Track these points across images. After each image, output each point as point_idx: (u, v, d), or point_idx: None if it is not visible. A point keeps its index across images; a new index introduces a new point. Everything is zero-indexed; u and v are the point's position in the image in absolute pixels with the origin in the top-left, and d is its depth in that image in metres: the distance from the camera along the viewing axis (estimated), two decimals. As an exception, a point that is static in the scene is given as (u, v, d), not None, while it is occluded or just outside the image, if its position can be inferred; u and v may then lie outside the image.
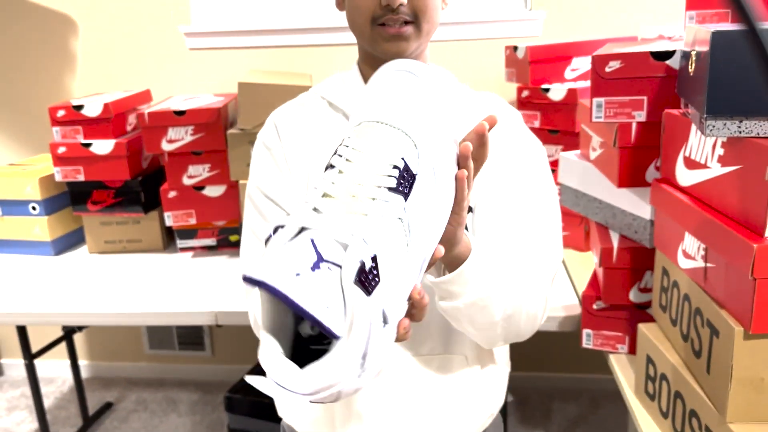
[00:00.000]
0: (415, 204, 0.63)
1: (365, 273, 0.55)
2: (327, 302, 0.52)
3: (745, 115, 0.87)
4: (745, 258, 0.85)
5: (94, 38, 2.38)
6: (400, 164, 0.62)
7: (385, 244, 0.58)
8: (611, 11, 2.18)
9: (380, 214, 0.59)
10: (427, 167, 0.65)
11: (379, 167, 0.62)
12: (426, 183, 0.64)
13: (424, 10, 0.91)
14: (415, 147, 0.64)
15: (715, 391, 0.95)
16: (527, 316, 0.94)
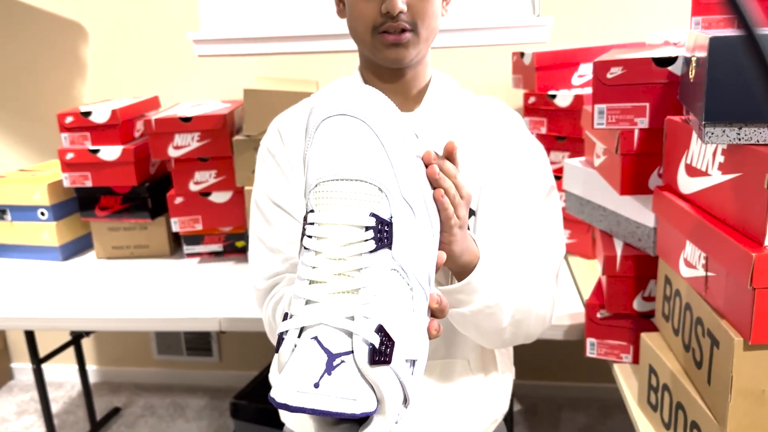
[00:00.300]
0: (402, 245, 0.62)
1: (377, 350, 0.56)
2: (353, 395, 0.54)
3: (744, 122, 0.85)
4: (744, 267, 0.84)
5: (104, 45, 2.40)
6: (372, 222, 0.60)
7: (388, 306, 0.59)
8: (619, 17, 2.16)
9: (371, 281, 0.59)
10: (400, 205, 0.63)
11: (353, 235, 0.60)
12: (404, 219, 0.63)
13: (423, 17, 0.92)
14: (380, 191, 0.62)
15: (716, 403, 0.93)
16: (536, 317, 0.95)
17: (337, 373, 0.55)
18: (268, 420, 2.09)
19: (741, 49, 0.83)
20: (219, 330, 1.66)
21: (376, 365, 0.55)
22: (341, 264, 0.60)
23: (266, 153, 1.05)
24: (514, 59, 1.96)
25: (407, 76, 1.00)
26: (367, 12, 0.91)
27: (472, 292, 0.84)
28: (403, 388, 0.58)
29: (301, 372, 0.55)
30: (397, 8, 0.89)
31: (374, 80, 1.01)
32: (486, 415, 1.05)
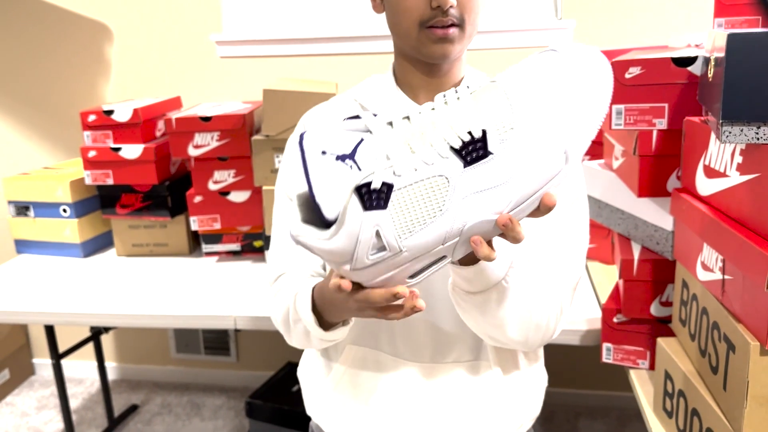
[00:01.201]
0: (475, 178, 0.64)
1: (370, 191, 0.62)
2: (332, 190, 0.62)
3: (763, 121, 0.84)
4: (761, 270, 0.82)
5: (129, 46, 2.44)
6: (477, 134, 0.64)
7: (411, 185, 0.63)
8: (641, 20, 2.14)
9: (426, 160, 0.63)
10: (508, 154, 0.64)
11: (458, 125, 0.64)
12: (499, 170, 0.64)
13: (470, 12, 0.92)
14: (511, 129, 0.64)
15: (731, 409, 0.91)
16: (536, 325, 0.92)
17: (338, 166, 0.63)
18: (283, 420, 2.10)
19: (760, 46, 0.82)
20: (234, 328, 1.67)
21: (357, 197, 0.62)
22: (431, 130, 0.65)
23: (289, 148, 1.07)
24: (535, 62, 1.95)
25: (444, 71, 0.99)
26: (415, 6, 0.91)
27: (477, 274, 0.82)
28: (355, 248, 0.64)
29: (329, 139, 0.64)
30: (449, 2, 0.88)
31: (411, 75, 1.00)
32: (513, 421, 1.04)
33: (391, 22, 0.97)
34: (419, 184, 0.64)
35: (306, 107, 1.79)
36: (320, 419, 1.08)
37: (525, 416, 1.06)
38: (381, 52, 2.28)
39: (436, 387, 1.00)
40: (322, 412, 1.08)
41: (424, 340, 1.00)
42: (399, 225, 0.64)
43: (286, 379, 2.26)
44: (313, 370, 1.11)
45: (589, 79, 0.65)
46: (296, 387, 2.21)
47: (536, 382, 1.08)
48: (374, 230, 0.64)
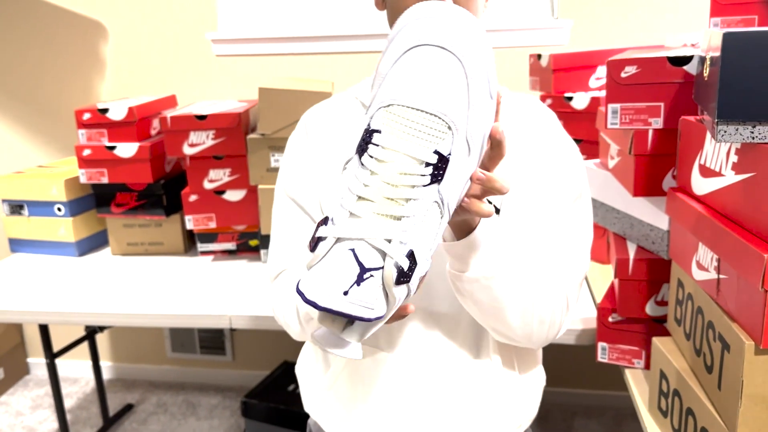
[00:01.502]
0: (451, 180, 0.65)
1: (404, 272, 0.62)
2: (373, 305, 0.61)
3: (758, 120, 0.83)
4: (755, 270, 0.81)
5: (123, 44, 2.43)
6: (433, 159, 0.63)
7: (422, 234, 0.64)
8: (638, 20, 2.14)
9: (416, 212, 0.63)
10: (461, 145, 0.65)
11: (411, 167, 0.63)
12: (460, 158, 0.65)
13: (468, 6, 0.91)
14: (449, 129, 0.64)
15: (726, 408, 0.91)
16: (540, 318, 0.93)
17: (366, 285, 0.61)
18: (279, 419, 2.09)
19: (755, 45, 0.82)
20: (229, 327, 1.66)
21: (399, 284, 0.62)
22: (393, 190, 0.63)
23: (289, 146, 1.08)
24: (531, 61, 1.95)
25: None
26: (413, 3, 0.90)
27: (470, 250, 0.83)
28: (408, 295, 0.65)
29: (332, 277, 0.61)
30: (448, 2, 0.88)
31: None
32: (514, 420, 1.04)
33: (392, 21, 0.96)
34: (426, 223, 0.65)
35: (302, 106, 1.80)
36: (318, 417, 1.08)
37: (524, 416, 1.06)
38: (377, 51, 2.28)
39: (435, 385, 1.00)
40: (320, 409, 1.08)
41: (422, 338, 1.00)
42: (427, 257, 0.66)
43: (282, 379, 2.25)
44: (311, 367, 1.11)
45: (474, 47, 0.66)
46: (292, 386, 2.21)
47: (535, 382, 1.08)
48: (418, 281, 0.66)
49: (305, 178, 1.02)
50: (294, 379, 2.25)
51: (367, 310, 0.61)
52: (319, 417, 1.08)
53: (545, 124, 1.02)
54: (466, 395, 1.01)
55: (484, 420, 1.01)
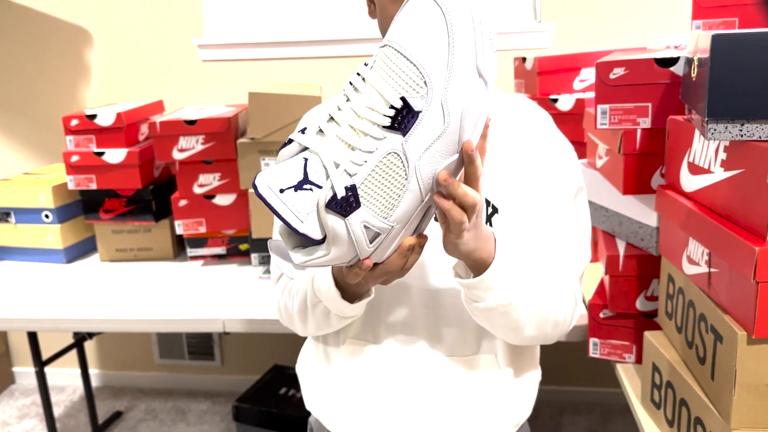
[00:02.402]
0: (418, 141, 0.68)
1: (338, 201, 0.66)
2: (303, 217, 0.67)
3: (746, 118, 0.87)
4: (747, 262, 0.85)
5: (109, 50, 2.42)
6: (398, 104, 0.67)
7: (372, 178, 0.68)
8: (620, 22, 2.18)
9: (369, 148, 0.67)
10: (435, 108, 0.68)
11: (377, 104, 0.67)
12: (431, 122, 0.68)
13: None
14: (425, 85, 0.67)
15: (720, 398, 0.94)
16: (554, 321, 0.97)
17: (302, 195, 0.67)
18: (271, 423, 2.10)
19: (743, 46, 0.85)
20: (223, 331, 1.67)
21: (331, 211, 0.67)
22: (357, 120, 0.68)
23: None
24: (516, 64, 1.98)
25: None
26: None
27: (486, 290, 0.86)
28: (354, 245, 0.69)
29: (279, 175, 0.68)
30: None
31: None
32: (512, 413, 1.06)
33: (381, 29, 0.98)
34: (376, 170, 0.68)
35: (292, 110, 1.81)
36: (320, 414, 1.09)
37: (522, 411, 1.08)
38: (363, 55, 2.30)
39: (436, 381, 1.02)
40: (321, 406, 1.09)
41: (423, 335, 1.02)
42: (379, 210, 0.69)
43: (273, 382, 2.26)
44: (311, 365, 1.12)
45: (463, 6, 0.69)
46: (284, 390, 2.22)
47: (533, 377, 1.11)
48: (362, 226, 0.69)
49: None
50: (286, 383, 2.25)
51: (295, 219, 0.66)
52: (320, 414, 1.10)
53: (539, 124, 1.05)
54: (466, 391, 1.02)
55: (483, 415, 1.03)
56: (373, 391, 1.03)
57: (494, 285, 0.86)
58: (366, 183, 0.68)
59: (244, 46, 2.35)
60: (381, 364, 1.03)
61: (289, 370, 2.33)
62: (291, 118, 1.80)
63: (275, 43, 2.34)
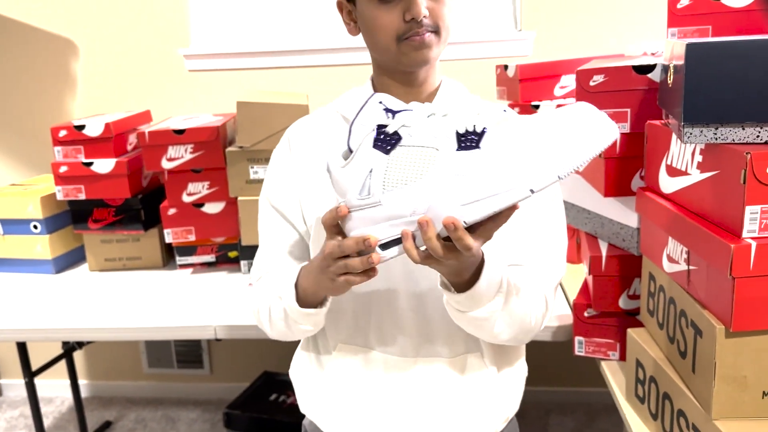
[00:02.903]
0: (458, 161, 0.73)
1: (384, 134, 0.75)
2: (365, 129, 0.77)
3: (720, 122, 0.91)
4: (723, 259, 0.89)
5: (95, 61, 2.44)
6: (479, 129, 0.74)
7: (412, 147, 0.75)
8: (598, 30, 2.24)
9: (435, 134, 0.75)
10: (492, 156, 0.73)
11: (467, 120, 0.76)
12: (481, 161, 0.73)
13: (442, 18, 0.98)
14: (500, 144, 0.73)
15: (701, 390, 0.98)
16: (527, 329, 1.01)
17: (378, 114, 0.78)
18: (261, 429, 2.12)
19: (716, 54, 0.89)
20: (214, 338, 1.68)
21: (373, 136, 0.76)
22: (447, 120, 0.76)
23: (273, 158, 1.13)
24: (498, 72, 2.02)
25: (421, 80, 1.04)
26: (389, 21, 0.96)
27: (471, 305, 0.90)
28: (354, 180, 0.77)
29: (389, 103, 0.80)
30: (421, 13, 0.94)
31: (391, 86, 1.05)
32: (501, 409, 1.10)
33: (369, 41, 1.02)
34: (418, 149, 0.73)
35: (280, 118, 1.84)
36: (314, 416, 1.12)
37: (510, 406, 1.11)
38: (349, 64, 2.34)
39: (426, 382, 1.05)
40: (315, 408, 1.11)
41: (412, 338, 1.05)
42: (388, 176, 0.75)
43: (263, 389, 2.28)
44: (305, 369, 1.14)
45: (577, 130, 0.72)
46: (274, 396, 2.23)
47: (520, 373, 1.14)
48: (368, 169, 0.75)
49: (288, 188, 1.07)
50: (276, 389, 2.27)
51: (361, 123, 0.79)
52: (314, 416, 1.12)
53: None
54: (456, 390, 1.06)
55: (474, 412, 1.06)
56: (365, 393, 1.06)
57: (479, 299, 0.89)
58: (405, 149, 0.74)
59: (229, 56, 2.38)
60: (372, 367, 1.06)
61: (279, 376, 2.35)
62: (279, 126, 1.82)
63: (261, 52, 2.37)
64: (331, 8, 2.38)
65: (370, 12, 0.97)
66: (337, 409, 1.08)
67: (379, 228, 0.77)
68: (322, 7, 2.40)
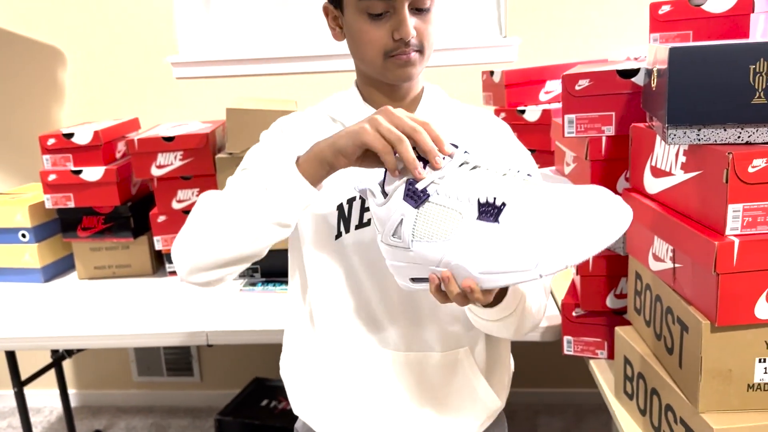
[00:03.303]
0: (477, 230, 0.79)
1: (415, 189, 0.80)
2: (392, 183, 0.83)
3: (703, 124, 0.94)
4: (708, 256, 0.92)
5: (82, 69, 2.44)
6: (498, 203, 0.79)
7: (439, 206, 0.80)
8: (582, 36, 2.28)
9: (459, 197, 0.80)
10: (508, 232, 0.79)
11: (490, 190, 0.80)
12: (498, 235, 0.78)
13: (428, 38, 1.02)
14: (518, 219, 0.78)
15: (688, 384, 1.01)
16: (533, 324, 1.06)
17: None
18: (253, 435, 2.12)
19: (698, 57, 0.93)
20: (206, 343, 1.69)
21: (404, 188, 0.81)
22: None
23: (263, 137, 1.13)
24: (484, 78, 2.05)
25: (404, 89, 1.08)
26: (378, 38, 0.99)
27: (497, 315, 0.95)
28: (387, 222, 0.83)
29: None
30: (410, 34, 0.98)
31: (374, 93, 1.08)
32: (489, 402, 1.12)
33: (355, 50, 1.05)
34: (444, 209, 0.79)
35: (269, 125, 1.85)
36: (306, 416, 1.13)
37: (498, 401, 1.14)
38: (336, 71, 2.36)
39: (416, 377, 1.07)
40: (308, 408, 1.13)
41: (402, 334, 1.07)
42: (416, 227, 0.81)
43: (254, 395, 2.28)
44: (296, 368, 1.15)
45: (592, 220, 0.76)
46: (266, 401, 2.24)
47: (508, 369, 1.18)
48: (400, 217, 0.81)
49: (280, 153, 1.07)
50: (267, 395, 2.28)
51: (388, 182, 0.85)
52: (307, 417, 1.14)
53: (499, 134, 1.12)
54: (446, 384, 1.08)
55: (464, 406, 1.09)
56: (356, 390, 1.08)
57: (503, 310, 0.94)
58: (433, 206, 0.80)
59: (217, 63, 2.39)
60: (362, 363, 1.08)
61: (270, 382, 2.36)
62: (268, 133, 1.84)
63: (248, 60, 2.38)
64: (318, 15, 2.40)
65: (358, 25, 1.00)
66: (329, 408, 1.10)
67: (408, 267, 0.85)
68: (309, 14, 2.42)
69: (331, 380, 1.09)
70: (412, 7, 0.99)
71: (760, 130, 0.93)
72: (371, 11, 0.98)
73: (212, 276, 0.96)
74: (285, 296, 1.85)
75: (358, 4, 0.99)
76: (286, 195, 0.88)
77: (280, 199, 0.88)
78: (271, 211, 0.89)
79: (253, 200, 0.89)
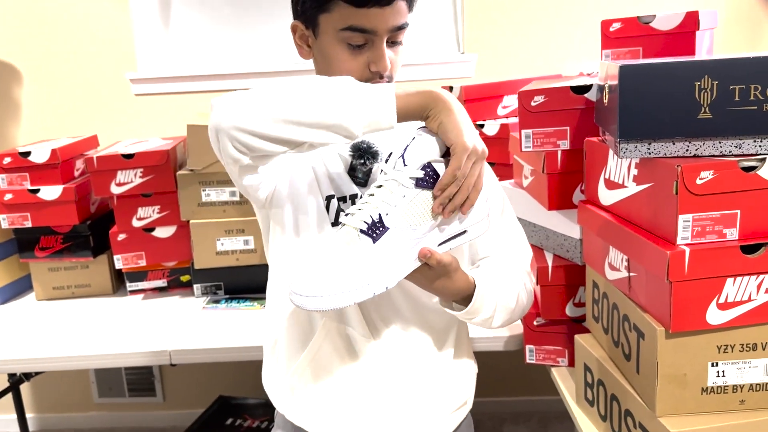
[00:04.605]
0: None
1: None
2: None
3: (653, 138, 0.98)
4: (660, 264, 0.95)
5: (39, 86, 2.40)
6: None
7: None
8: (537, 52, 2.34)
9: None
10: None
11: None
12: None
13: (397, 68, 1.09)
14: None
15: (645, 390, 1.04)
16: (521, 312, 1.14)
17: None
18: (218, 454, 2.10)
19: (647, 74, 0.97)
20: (170, 363, 1.67)
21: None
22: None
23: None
24: (444, 92, 2.08)
25: None
26: (355, 67, 1.03)
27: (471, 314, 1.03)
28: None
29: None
30: (387, 68, 1.04)
31: None
32: (458, 394, 1.16)
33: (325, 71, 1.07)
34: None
35: (230, 142, 1.85)
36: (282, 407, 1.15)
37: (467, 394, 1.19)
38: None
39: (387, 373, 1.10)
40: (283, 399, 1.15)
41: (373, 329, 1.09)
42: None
43: (219, 414, 2.26)
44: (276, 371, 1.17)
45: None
46: (230, 420, 2.22)
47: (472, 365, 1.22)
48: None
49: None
50: (232, 413, 2.26)
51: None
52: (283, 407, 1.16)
53: None
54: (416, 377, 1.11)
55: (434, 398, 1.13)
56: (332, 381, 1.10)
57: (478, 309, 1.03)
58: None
59: (176, 80, 2.38)
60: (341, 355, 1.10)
61: (235, 400, 2.34)
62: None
63: (208, 76, 2.38)
64: (279, 31, 2.42)
65: (335, 53, 1.03)
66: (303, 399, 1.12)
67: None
68: (268, 31, 2.43)
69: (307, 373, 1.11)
70: (388, 40, 1.04)
71: (707, 144, 0.98)
72: (351, 42, 1.02)
73: (249, 140, 0.91)
74: (249, 312, 1.85)
75: (338, 34, 1.01)
76: (373, 107, 0.89)
77: (364, 107, 0.89)
78: (348, 112, 0.88)
79: (338, 95, 0.89)
